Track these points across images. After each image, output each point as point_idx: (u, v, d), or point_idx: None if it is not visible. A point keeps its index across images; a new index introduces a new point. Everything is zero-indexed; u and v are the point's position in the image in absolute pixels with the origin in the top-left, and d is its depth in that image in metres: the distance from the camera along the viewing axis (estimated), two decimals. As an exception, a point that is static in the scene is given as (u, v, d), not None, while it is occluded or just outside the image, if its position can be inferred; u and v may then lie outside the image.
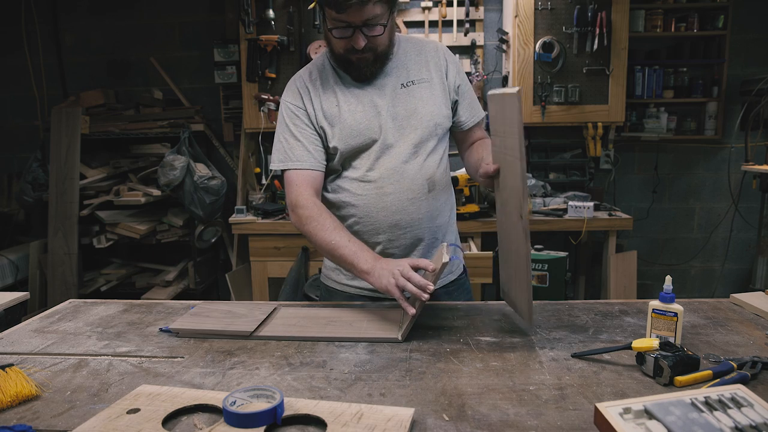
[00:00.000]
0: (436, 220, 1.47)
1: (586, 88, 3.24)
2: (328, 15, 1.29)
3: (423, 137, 1.42)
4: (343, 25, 1.28)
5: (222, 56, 3.45)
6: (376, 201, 1.42)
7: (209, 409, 0.89)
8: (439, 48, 1.50)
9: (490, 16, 3.48)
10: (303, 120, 1.42)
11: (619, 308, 1.36)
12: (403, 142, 1.41)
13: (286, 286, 2.97)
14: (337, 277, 1.55)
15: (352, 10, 1.23)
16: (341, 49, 1.34)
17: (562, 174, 3.55)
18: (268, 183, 3.54)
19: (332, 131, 1.41)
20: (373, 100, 1.41)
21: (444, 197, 1.50)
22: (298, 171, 1.41)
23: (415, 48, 1.47)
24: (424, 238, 1.46)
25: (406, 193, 1.41)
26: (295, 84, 1.45)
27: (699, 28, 3.39)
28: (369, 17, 1.26)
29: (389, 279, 1.18)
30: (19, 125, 3.85)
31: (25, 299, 1.72)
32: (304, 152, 1.41)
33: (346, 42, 1.31)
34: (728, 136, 3.57)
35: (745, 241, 3.72)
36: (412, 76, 1.43)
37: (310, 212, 1.36)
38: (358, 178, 1.42)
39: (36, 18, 3.70)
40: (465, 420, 0.86)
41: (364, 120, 1.39)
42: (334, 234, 1.32)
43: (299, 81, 1.45)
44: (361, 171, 1.42)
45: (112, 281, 3.52)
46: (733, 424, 0.74)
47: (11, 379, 0.96)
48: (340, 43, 1.33)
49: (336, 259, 1.33)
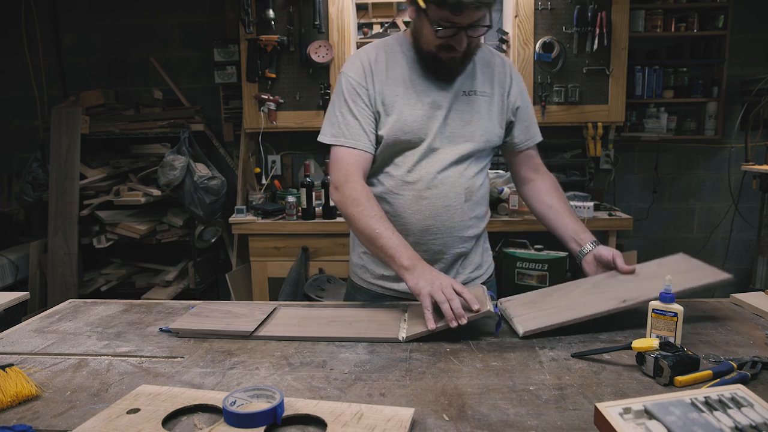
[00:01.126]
0: (468, 231, 1.46)
1: (586, 88, 3.24)
2: (434, 14, 1.24)
3: (471, 150, 1.41)
4: (449, 25, 1.25)
5: (222, 56, 3.45)
6: (412, 203, 1.41)
7: (209, 409, 0.89)
8: (506, 64, 1.49)
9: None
10: (363, 99, 1.38)
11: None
12: (450, 150, 1.39)
13: (286, 286, 2.97)
14: (363, 275, 1.54)
15: (468, 12, 1.21)
16: (434, 47, 1.31)
17: (562, 174, 3.55)
18: (268, 183, 3.54)
19: (386, 119, 1.38)
20: (435, 100, 1.38)
21: (479, 210, 1.49)
22: (351, 149, 1.37)
23: (484, 59, 1.45)
24: (454, 248, 1.45)
25: (442, 199, 1.40)
26: (360, 61, 1.40)
27: (699, 28, 3.39)
28: (478, 19, 1.24)
29: (429, 286, 1.16)
30: (19, 125, 3.85)
31: (25, 299, 1.72)
32: (360, 131, 1.37)
33: (446, 41, 1.28)
34: (728, 136, 3.57)
35: (745, 241, 3.72)
36: (476, 87, 1.42)
37: (358, 195, 1.32)
38: (398, 177, 1.41)
39: (36, 18, 3.70)
40: (465, 420, 0.86)
41: (420, 118, 1.37)
42: (379, 223, 1.28)
43: (365, 58, 1.40)
44: (402, 170, 1.40)
45: (112, 281, 3.52)
46: (733, 424, 0.74)
47: (11, 379, 0.96)
48: (436, 42, 1.29)
49: (376, 249, 1.28)
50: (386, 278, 1.50)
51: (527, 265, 2.83)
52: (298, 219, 3.07)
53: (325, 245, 3.04)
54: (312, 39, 3.23)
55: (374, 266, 1.51)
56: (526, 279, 2.85)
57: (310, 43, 3.21)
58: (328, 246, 3.04)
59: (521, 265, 2.85)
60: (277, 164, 3.65)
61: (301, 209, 3.10)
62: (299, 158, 3.70)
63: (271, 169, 3.63)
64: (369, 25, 3.45)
